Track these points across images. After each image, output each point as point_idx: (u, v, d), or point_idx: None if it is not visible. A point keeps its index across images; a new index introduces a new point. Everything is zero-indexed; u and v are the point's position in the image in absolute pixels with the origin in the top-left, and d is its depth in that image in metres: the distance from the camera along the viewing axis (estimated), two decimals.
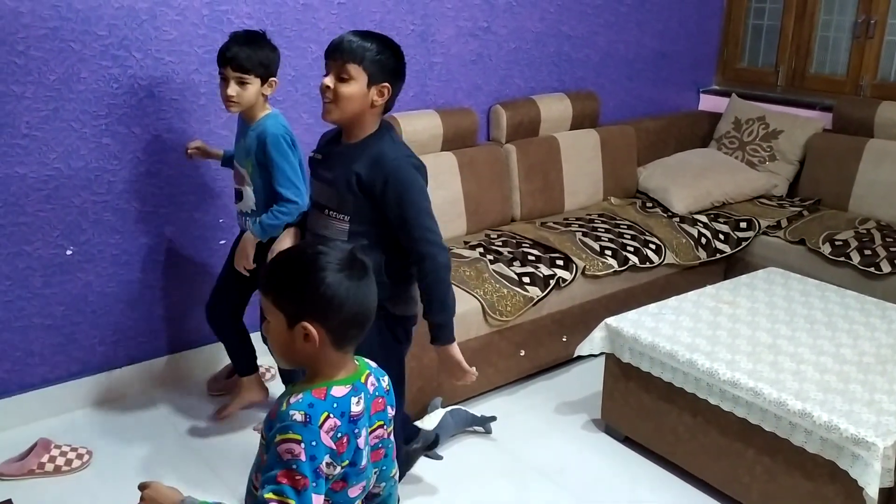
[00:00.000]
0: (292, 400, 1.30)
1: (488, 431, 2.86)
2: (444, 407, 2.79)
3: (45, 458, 2.55)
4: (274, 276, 1.34)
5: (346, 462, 1.31)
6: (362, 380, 1.38)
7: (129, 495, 2.46)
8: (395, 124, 3.30)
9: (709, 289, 3.01)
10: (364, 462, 1.36)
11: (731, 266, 3.79)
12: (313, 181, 2.15)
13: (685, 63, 4.61)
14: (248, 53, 2.42)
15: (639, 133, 4.22)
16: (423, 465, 2.68)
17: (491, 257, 3.15)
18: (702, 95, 4.77)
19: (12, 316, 2.73)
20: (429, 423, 2.69)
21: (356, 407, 1.33)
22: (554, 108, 3.85)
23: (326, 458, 1.27)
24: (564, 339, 3.20)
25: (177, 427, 2.86)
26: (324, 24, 3.12)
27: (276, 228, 2.44)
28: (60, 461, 2.57)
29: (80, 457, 2.61)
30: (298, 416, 1.26)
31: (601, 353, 2.80)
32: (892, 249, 3.40)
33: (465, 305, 2.88)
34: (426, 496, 2.54)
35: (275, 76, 2.51)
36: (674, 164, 4.18)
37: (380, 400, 1.41)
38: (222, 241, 3.11)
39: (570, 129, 3.95)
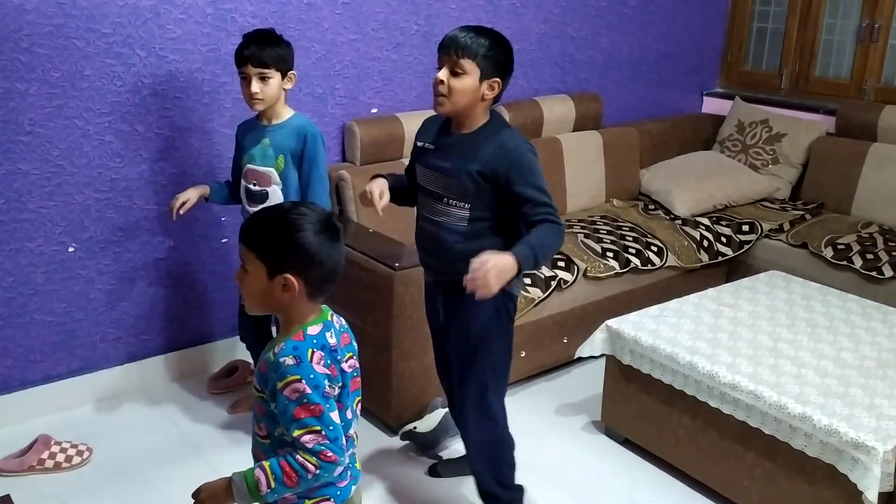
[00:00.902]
0: (277, 350, 1.47)
1: None
2: (444, 407, 2.79)
3: (45, 455, 2.56)
4: (260, 231, 1.49)
5: (341, 383, 1.51)
6: (329, 318, 1.56)
7: (129, 492, 2.48)
8: (398, 124, 3.31)
9: (710, 291, 3.01)
10: (351, 386, 1.56)
11: (733, 269, 3.78)
12: (422, 169, 2.17)
13: (689, 65, 4.61)
14: (267, 49, 2.46)
15: (642, 135, 4.22)
16: (422, 466, 2.68)
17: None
18: (705, 98, 4.77)
19: (13, 312, 2.73)
20: (429, 423, 2.69)
21: (331, 340, 1.52)
22: (557, 110, 3.85)
23: (327, 383, 1.46)
24: (565, 341, 3.20)
25: (177, 424, 2.86)
26: (328, 24, 3.13)
27: None
28: (60, 458, 2.57)
29: (80, 453, 2.61)
30: (290, 361, 1.44)
31: (602, 355, 2.80)
32: (894, 254, 3.40)
33: None
34: (425, 497, 2.54)
35: (293, 70, 2.55)
36: (677, 167, 4.17)
37: (345, 335, 1.59)
38: (224, 240, 3.11)
39: (573, 131, 3.95)
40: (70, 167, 2.71)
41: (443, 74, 2.00)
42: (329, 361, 1.48)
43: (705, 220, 3.80)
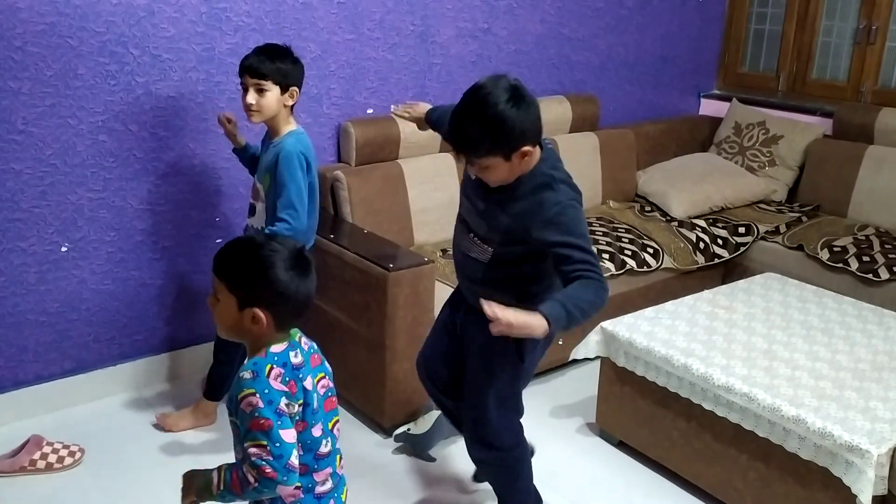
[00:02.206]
0: (240, 371, 1.50)
1: None
2: (438, 409, 2.78)
3: (36, 455, 2.54)
4: (231, 264, 1.52)
5: (301, 401, 1.51)
6: (296, 339, 1.58)
7: (121, 493, 2.47)
8: (393, 125, 3.29)
9: (705, 293, 3.00)
10: (316, 404, 1.55)
11: (729, 271, 3.78)
12: (462, 197, 2.10)
13: (686, 67, 4.60)
14: (266, 62, 2.42)
15: (638, 137, 4.21)
16: (416, 468, 2.67)
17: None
18: (702, 100, 4.77)
19: (6, 312, 2.72)
20: (422, 425, 2.68)
21: (295, 359, 1.53)
22: (553, 111, 3.84)
23: (284, 400, 1.47)
24: (560, 343, 3.17)
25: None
26: (323, 24, 3.12)
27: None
28: (52, 458, 2.56)
29: (72, 454, 2.60)
30: (247, 375, 1.47)
31: (596, 357, 2.79)
32: (890, 256, 3.39)
33: None
34: (420, 499, 2.53)
35: (296, 87, 2.49)
36: (673, 169, 4.17)
37: (315, 356, 1.61)
38: (218, 240, 3.10)
39: (570, 132, 3.94)
40: (63, 166, 2.70)
41: (475, 171, 1.92)
42: (288, 378, 1.49)
43: (701, 222, 3.80)
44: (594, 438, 2.86)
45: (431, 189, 3.37)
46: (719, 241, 3.72)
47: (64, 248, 2.77)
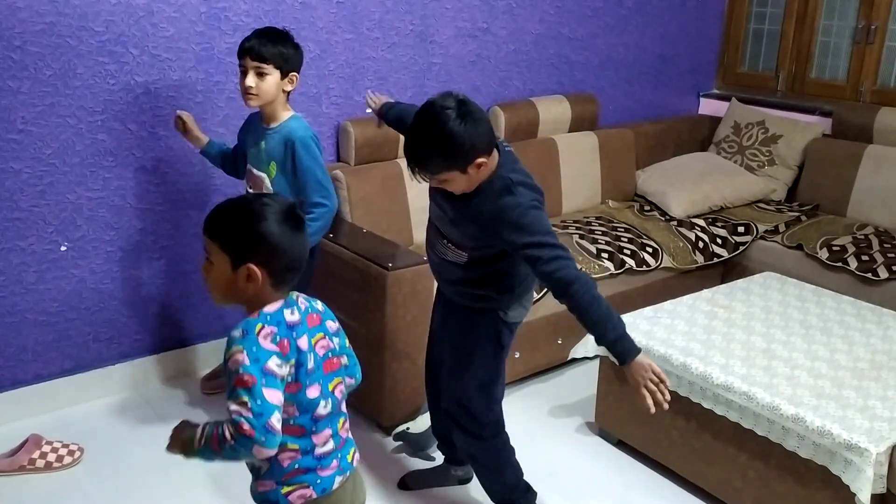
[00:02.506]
0: (232, 330, 1.47)
1: None
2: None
3: (35, 455, 2.55)
4: (222, 222, 1.50)
5: (293, 361, 1.47)
6: (293, 297, 1.55)
7: (120, 492, 2.47)
8: None
9: (705, 293, 3.00)
10: (311, 364, 1.51)
11: (728, 270, 3.78)
12: (433, 205, 2.12)
13: (685, 67, 4.60)
14: (267, 44, 2.39)
15: (638, 136, 4.21)
16: (415, 467, 2.67)
17: None
18: (702, 99, 4.77)
19: (5, 311, 2.72)
20: (421, 424, 2.68)
21: (291, 316, 1.50)
22: (553, 111, 3.84)
23: (274, 360, 1.43)
24: (559, 342, 3.18)
25: (169, 425, 2.83)
26: (322, 23, 3.12)
27: (314, 237, 2.41)
28: (51, 457, 2.56)
29: (71, 453, 2.60)
30: (237, 333, 1.45)
31: (595, 357, 2.80)
32: (889, 255, 3.39)
33: None
34: (418, 498, 2.53)
35: (296, 72, 2.46)
36: (672, 168, 4.17)
37: (314, 316, 1.57)
38: None
39: (569, 132, 3.94)
40: (62, 166, 2.70)
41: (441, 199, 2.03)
42: (280, 337, 1.46)
43: (701, 222, 3.80)
44: (593, 438, 2.86)
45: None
46: (718, 241, 3.72)
47: (63, 248, 2.77)
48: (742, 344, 2.57)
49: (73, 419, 2.84)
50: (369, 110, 2.80)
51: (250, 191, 2.59)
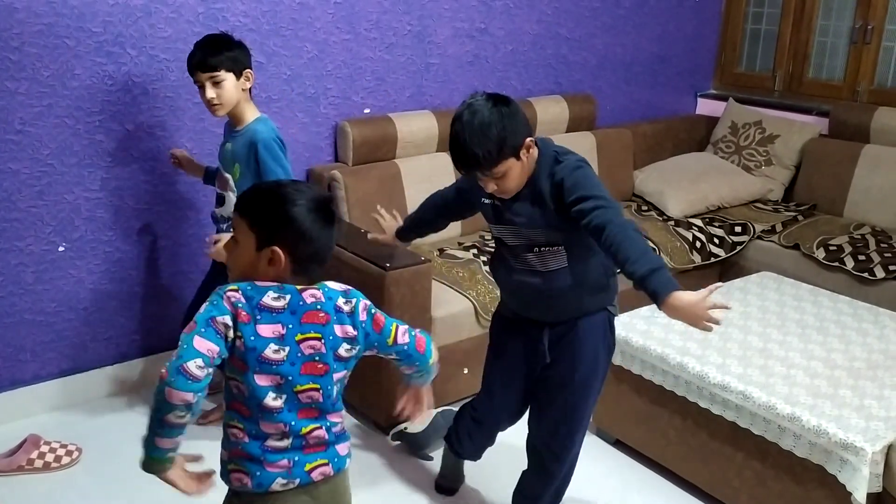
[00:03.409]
0: None
1: None
2: (435, 408, 2.78)
3: (34, 455, 2.55)
4: (254, 201, 1.50)
5: (241, 335, 1.42)
6: (298, 289, 1.49)
7: (118, 492, 2.48)
8: (390, 124, 3.30)
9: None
10: (270, 355, 1.45)
11: (725, 270, 3.78)
12: (499, 228, 2.07)
13: (683, 67, 4.61)
14: (213, 52, 2.39)
15: (635, 136, 4.22)
16: (413, 467, 2.68)
17: (485, 258, 3.15)
18: (699, 99, 4.78)
19: (3, 312, 2.72)
20: (420, 423, 2.69)
21: (273, 302, 1.45)
22: (550, 111, 3.85)
23: (225, 318, 1.41)
24: None
25: None
26: (320, 24, 3.13)
27: None
28: (50, 458, 2.56)
29: (69, 453, 2.60)
30: (217, 290, 1.46)
31: None
32: (886, 255, 3.40)
33: (458, 306, 2.88)
34: (416, 497, 2.54)
35: (249, 68, 2.47)
36: (670, 168, 4.17)
37: (321, 314, 1.50)
38: None
39: (567, 132, 3.95)
40: (60, 166, 2.70)
41: (492, 187, 1.93)
42: (240, 306, 1.43)
43: (698, 222, 3.81)
44: (591, 437, 2.86)
45: (428, 188, 3.33)
46: (716, 241, 3.73)
47: (61, 248, 2.78)
48: (739, 343, 2.57)
49: (71, 419, 2.85)
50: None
51: (218, 192, 2.60)
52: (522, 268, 2.05)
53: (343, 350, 1.54)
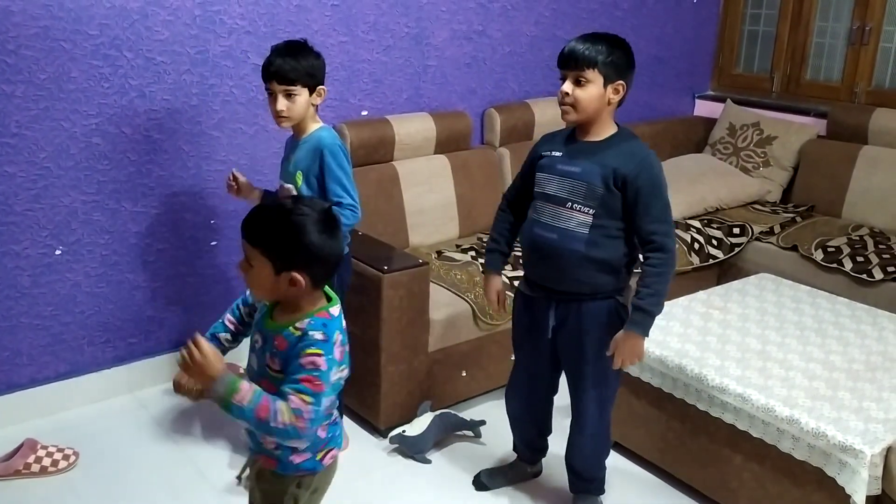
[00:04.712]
0: (300, 325, 1.55)
1: (477, 436, 2.85)
2: (433, 410, 2.78)
3: (31, 459, 2.54)
4: (264, 231, 1.55)
5: (345, 367, 1.60)
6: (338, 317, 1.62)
7: (116, 497, 2.47)
8: (388, 127, 3.30)
9: (700, 294, 3.00)
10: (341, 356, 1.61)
11: (723, 272, 3.78)
12: (545, 176, 2.18)
13: (681, 68, 4.61)
14: (293, 65, 2.32)
15: None
16: (411, 469, 2.67)
17: (483, 261, 3.14)
18: (697, 101, 4.77)
19: (0, 316, 2.71)
20: (418, 426, 2.68)
21: (345, 322, 1.62)
22: (549, 112, 3.84)
23: (336, 370, 1.55)
24: None
25: (165, 429, 2.84)
26: (317, 26, 3.12)
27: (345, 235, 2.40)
28: (47, 462, 2.55)
29: (66, 457, 2.59)
30: (319, 336, 1.53)
31: None
32: (884, 256, 3.40)
33: (456, 308, 2.87)
34: (414, 500, 2.53)
35: (322, 84, 2.43)
36: (668, 170, 4.08)
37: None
38: (213, 242, 3.10)
39: None
40: (57, 169, 2.70)
41: (567, 87, 2.06)
42: (343, 345, 1.58)
43: (696, 223, 3.80)
44: None
45: (426, 191, 3.38)
46: (714, 242, 3.72)
47: (58, 252, 2.77)
48: (737, 346, 2.57)
49: (68, 423, 2.84)
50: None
51: None
52: (546, 221, 2.17)
53: None
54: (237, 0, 2.91)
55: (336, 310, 1.60)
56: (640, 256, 2.13)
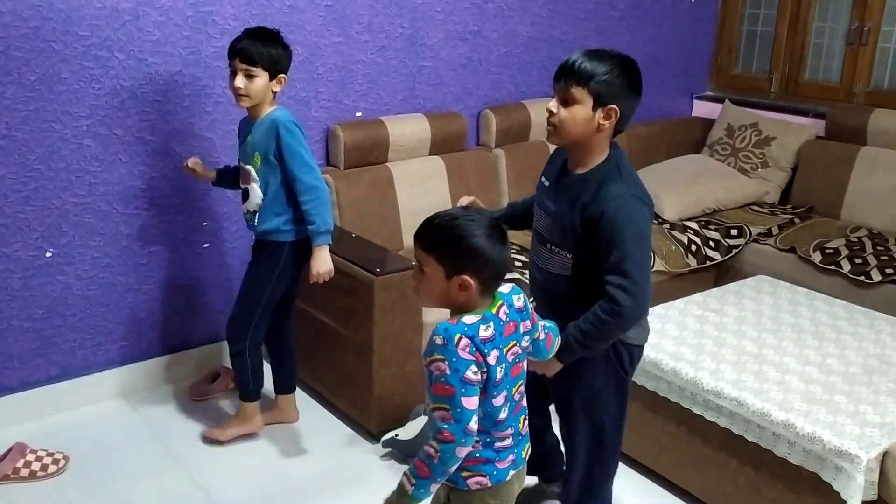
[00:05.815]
0: (433, 333, 1.60)
1: None
2: (426, 414, 2.75)
3: (20, 463, 2.52)
4: (437, 236, 1.63)
5: (485, 370, 1.60)
6: (493, 311, 1.64)
7: (105, 502, 2.44)
8: (382, 128, 3.28)
9: (696, 296, 2.98)
10: (499, 377, 1.63)
11: (721, 274, 3.76)
12: (537, 209, 2.04)
13: (678, 69, 4.59)
14: (258, 48, 2.41)
15: (631, 139, 4.19)
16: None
17: None
18: (695, 101, 4.75)
19: None
20: (411, 430, 2.66)
21: (484, 332, 1.61)
22: (544, 114, 3.81)
23: (472, 368, 1.57)
24: None
25: (157, 432, 2.82)
26: (310, 27, 3.10)
27: (327, 222, 2.46)
28: (36, 466, 2.53)
29: (55, 462, 2.57)
30: (438, 340, 1.58)
31: None
32: (882, 258, 3.37)
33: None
34: None
35: (284, 73, 2.48)
36: (666, 171, 4.15)
37: (511, 324, 1.68)
38: (206, 245, 3.08)
39: None
40: (47, 171, 2.68)
41: (552, 105, 1.89)
42: (474, 350, 1.58)
43: (693, 225, 3.78)
44: None
45: (421, 192, 3.35)
46: (711, 244, 3.70)
47: (49, 254, 2.75)
48: (733, 348, 2.55)
49: (58, 427, 2.82)
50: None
51: (242, 186, 2.57)
52: (535, 260, 2.07)
53: (525, 342, 1.74)
54: (229, 1, 2.89)
55: (472, 319, 1.60)
56: None
